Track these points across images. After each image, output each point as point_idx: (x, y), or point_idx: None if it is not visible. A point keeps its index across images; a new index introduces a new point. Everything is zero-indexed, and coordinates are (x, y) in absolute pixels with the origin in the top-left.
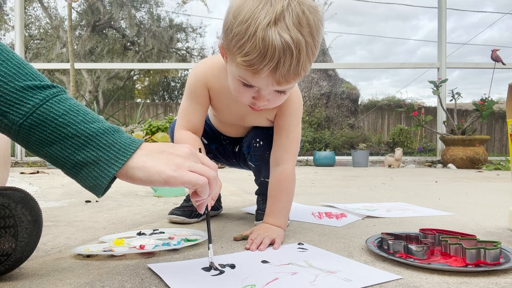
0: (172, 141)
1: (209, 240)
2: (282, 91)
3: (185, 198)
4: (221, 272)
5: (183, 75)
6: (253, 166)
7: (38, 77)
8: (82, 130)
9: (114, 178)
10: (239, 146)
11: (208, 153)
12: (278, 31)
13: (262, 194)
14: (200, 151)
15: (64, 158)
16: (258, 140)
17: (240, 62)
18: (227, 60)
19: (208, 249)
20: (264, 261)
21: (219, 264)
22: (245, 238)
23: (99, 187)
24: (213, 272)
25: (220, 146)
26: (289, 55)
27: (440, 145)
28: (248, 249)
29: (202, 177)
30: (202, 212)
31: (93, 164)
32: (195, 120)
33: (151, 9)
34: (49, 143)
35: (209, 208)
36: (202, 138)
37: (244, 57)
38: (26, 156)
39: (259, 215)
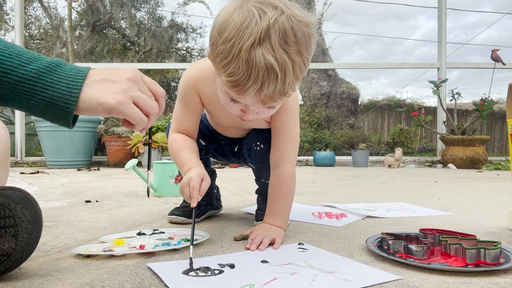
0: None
1: (192, 241)
2: (271, 106)
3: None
4: (221, 271)
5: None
6: (254, 167)
7: None
8: (22, 75)
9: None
10: (238, 146)
11: (206, 154)
12: (262, 53)
13: (262, 194)
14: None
15: (24, 106)
16: (258, 143)
17: (224, 81)
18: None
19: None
20: (263, 261)
21: (218, 264)
22: (245, 238)
23: (67, 123)
24: (213, 271)
25: (219, 147)
26: (274, 78)
27: (440, 145)
28: (248, 249)
29: (144, 117)
30: (142, 133)
31: (51, 105)
32: (187, 124)
33: (151, 9)
34: (3, 98)
35: (195, 204)
36: (200, 139)
37: (228, 77)
38: (26, 156)
39: (259, 215)
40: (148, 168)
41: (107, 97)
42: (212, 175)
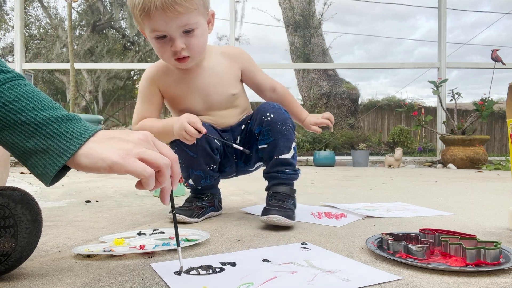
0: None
1: (177, 243)
2: (188, 31)
3: (186, 198)
4: (222, 269)
5: None
6: (266, 146)
7: None
8: (32, 118)
9: (66, 167)
10: (239, 139)
11: (217, 149)
12: None
13: (272, 185)
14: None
15: (14, 145)
16: (268, 114)
17: (138, 16)
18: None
19: (178, 252)
20: (265, 260)
21: (220, 262)
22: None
23: (47, 176)
24: (214, 269)
25: (223, 144)
26: None
27: (440, 145)
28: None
29: (149, 168)
30: (166, 203)
31: (42, 153)
32: (149, 115)
33: None
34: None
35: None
36: (208, 135)
37: (139, 8)
38: None
39: (266, 210)
40: (178, 245)
41: (110, 152)
42: (218, 178)
